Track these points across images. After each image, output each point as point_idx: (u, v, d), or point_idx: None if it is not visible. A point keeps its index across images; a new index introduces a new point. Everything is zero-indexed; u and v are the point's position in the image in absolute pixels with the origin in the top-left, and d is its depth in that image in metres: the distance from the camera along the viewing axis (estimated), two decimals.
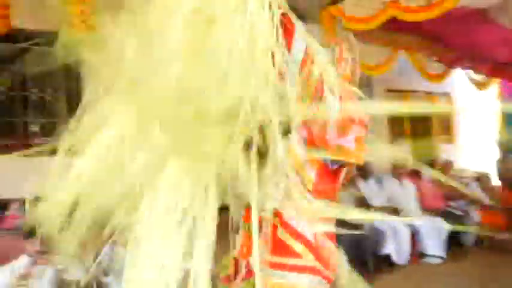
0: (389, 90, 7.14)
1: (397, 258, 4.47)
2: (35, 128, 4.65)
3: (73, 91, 4.53)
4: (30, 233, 3.02)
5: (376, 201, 4.83)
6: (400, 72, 6.65)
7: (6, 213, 3.90)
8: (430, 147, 7.94)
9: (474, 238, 5.39)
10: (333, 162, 1.47)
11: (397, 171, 5.21)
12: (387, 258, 4.49)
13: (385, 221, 4.63)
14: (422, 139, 7.97)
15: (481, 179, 5.61)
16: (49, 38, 4.37)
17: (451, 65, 6.74)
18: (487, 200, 5.45)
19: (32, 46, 4.56)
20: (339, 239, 4.54)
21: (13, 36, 4.16)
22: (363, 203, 4.62)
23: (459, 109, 8.42)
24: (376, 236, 4.36)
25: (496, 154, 7.07)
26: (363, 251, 4.23)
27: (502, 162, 6.56)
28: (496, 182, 6.04)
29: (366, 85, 6.73)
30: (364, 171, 5.05)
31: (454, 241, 4.98)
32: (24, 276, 2.80)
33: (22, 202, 4.01)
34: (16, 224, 3.70)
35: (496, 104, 8.32)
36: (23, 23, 3.99)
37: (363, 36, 5.19)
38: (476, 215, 5.40)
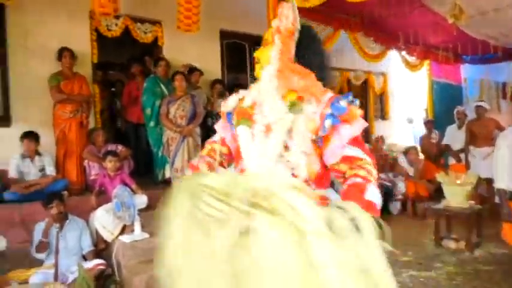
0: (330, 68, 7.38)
1: None
2: None
3: None
4: None
5: None
6: (341, 51, 6.92)
7: None
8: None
9: (400, 207, 5.92)
10: None
11: None
12: None
13: None
14: None
15: (409, 153, 6.04)
16: None
17: (388, 46, 7.12)
18: (412, 172, 5.93)
19: None
20: None
21: None
22: None
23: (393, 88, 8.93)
24: None
25: (422, 131, 7.67)
26: None
27: (426, 138, 7.14)
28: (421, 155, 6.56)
29: None
30: None
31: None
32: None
33: None
34: None
35: (426, 84, 8.96)
36: None
37: (304, 13, 5.33)
38: (402, 185, 5.90)
